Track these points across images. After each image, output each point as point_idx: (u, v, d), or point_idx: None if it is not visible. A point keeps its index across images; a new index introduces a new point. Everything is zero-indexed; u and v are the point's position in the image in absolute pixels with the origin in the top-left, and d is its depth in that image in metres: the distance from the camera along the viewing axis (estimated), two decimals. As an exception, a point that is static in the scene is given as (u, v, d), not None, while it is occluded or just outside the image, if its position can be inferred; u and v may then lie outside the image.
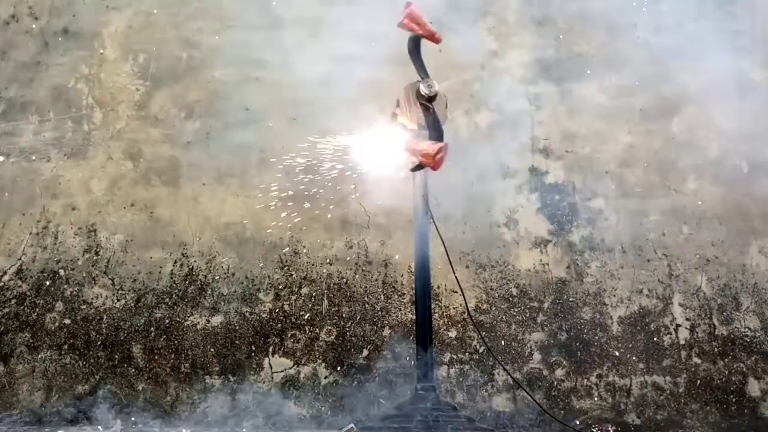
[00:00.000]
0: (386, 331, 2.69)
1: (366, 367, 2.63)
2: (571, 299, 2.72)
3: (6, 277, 2.83)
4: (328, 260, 2.79)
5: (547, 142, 2.96)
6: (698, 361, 2.62)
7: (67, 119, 3.09)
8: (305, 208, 2.86)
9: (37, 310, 2.76)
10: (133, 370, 2.66)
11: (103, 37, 3.23)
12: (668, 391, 2.58)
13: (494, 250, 2.80)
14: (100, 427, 2.56)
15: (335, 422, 2.55)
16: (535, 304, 2.71)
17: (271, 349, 2.68)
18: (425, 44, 2.22)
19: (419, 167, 2.18)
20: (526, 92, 3.03)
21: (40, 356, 2.69)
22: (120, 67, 3.17)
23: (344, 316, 2.71)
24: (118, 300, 2.77)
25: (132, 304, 2.76)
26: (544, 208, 2.87)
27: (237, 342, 2.69)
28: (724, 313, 2.69)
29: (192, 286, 2.78)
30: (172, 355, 2.68)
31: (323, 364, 2.65)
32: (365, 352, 2.66)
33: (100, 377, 2.66)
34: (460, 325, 2.69)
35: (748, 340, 2.65)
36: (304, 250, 2.81)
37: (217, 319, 2.72)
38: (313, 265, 2.79)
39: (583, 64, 3.08)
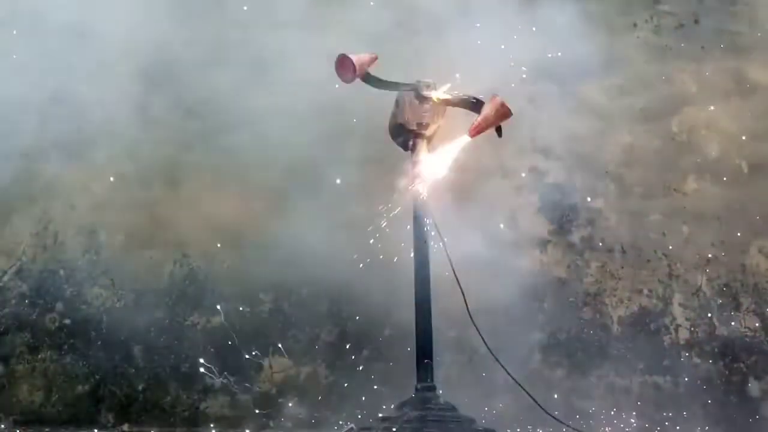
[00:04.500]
0: (386, 331, 2.68)
1: (366, 367, 2.63)
2: (571, 299, 2.72)
3: (6, 277, 2.83)
4: (328, 260, 2.78)
5: (547, 142, 2.96)
6: (698, 361, 2.62)
7: (67, 119, 3.09)
8: (305, 207, 2.85)
9: (37, 310, 2.76)
10: (133, 370, 2.66)
11: (104, 36, 3.23)
12: (668, 391, 2.58)
13: (494, 250, 2.79)
14: (98, 429, 2.56)
15: (335, 422, 2.55)
16: (535, 304, 2.71)
17: (271, 349, 2.68)
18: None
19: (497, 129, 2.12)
20: (526, 92, 3.03)
21: (40, 356, 2.69)
22: (120, 67, 3.17)
23: (344, 316, 2.71)
24: (118, 300, 2.76)
25: (132, 304, 2.76)
26: (544, 208, 2.86)
27: (237, 342, 2.69)
28: (724, 313, 2.68)
29: (192, 286, 2.78)
30: (172, 355, 2.67)
31: (323, 364, 2.64)
32: (365, 352, 2.66)
33: (100, 377, 2.65)
34: (460, 325, 2.68)
35: (748, 340, 2.65)
36: (305, 250, 2.80)
37: (217, 319, 2.72)
38: (313, 265, 2.78)
39: (583, 64, 3.08)
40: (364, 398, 2.59)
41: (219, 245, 2.83)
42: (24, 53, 3.25)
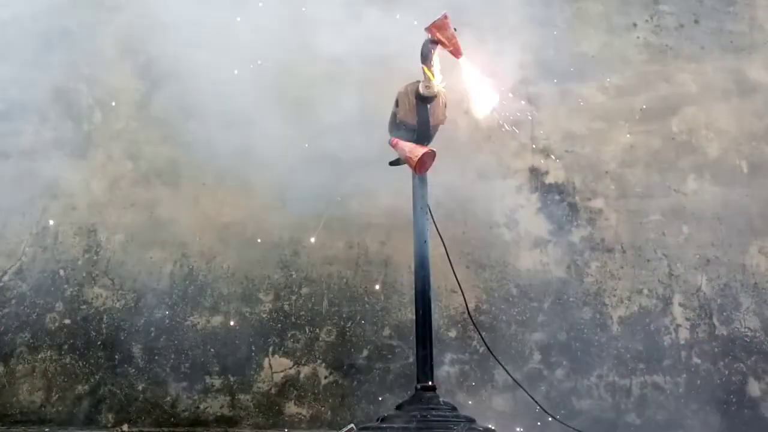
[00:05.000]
0: (386, 331, 2.68)
1: (366, 367, 2.63)
2: (571, 299, 2.72)
3: (6, 277, 2.83)
4: (328, 260, 2.79)
5: (547, 142, 2.96)
6: (698, 361, 2.62)
7: (67, 119, 3.09)
8: (306, 207, 2.85)
9: (37, 310, 2.76)
10: (133, 370, 2.66)
11: (104, 36, 3.23)
12: (668, 391, 2.58)
13: (494, 250, 2.79)
14: (98, 429, 2.56)
15: (335, 422, 2.55)
16: (535, 304, 2.71)
17: (271, 349, 2.68)
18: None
19: (397, 162, 2.20)
20: (526, 92, 3.03)
21: (40, 356, 2.69)
22: (120, 67, 3.17)
23: (344, 316, 2.71)
24: (118, 300, 2.77)
25: (132, 304, 2.76)
26: (544, 208, 2.86)
27: (237, 342, 2.69)
28: (724, 313, 2.68)
29: (192, 286, 2.78)
30: (172, 355, 2.67)
31: (323, 364, 2.65)
32: (365, 352, 2.66)
33: (100, 377, 2.66)
34: (460, 325, 2.68)
35: (748, 340, 2.65)
36: (304, 250, 2.81)
37: (217, 319, 2.72)
38: (313, 265, 2.79)
39: (584, 63, 3.08)
40: (363, 398, 2.59)
41: (219, 245, 2.83)
42: (24, 52, 3.25)
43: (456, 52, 2.17)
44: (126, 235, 2.87)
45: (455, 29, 2.18)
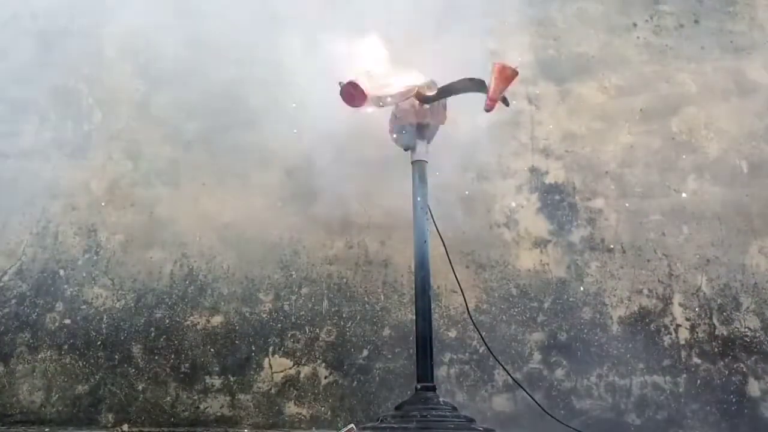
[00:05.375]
0: (386, 331, 2.68)
1: (366, 367, 2.63)
2: (571, 299, 2.72)
3: (6, 277, 2.83)
4: (328, 260, 2.79)
5: (547, 142, 2.96)
6: (698, 361, 2.62)
7: (67, 119, 3.09)
8: (305, 208, 2.85)
9: (37, 310, 2.76)
10: (133, 370, 2.66)
11: (103, 37, 3.23)
12: (668, 391, 2.58)
13: (494, 250, 2.79)
14: (98, 429, 2.56)
15: (335, 422, 2.55)
16: (535, 304, 2.71)
17: (271, 349, 2.68)
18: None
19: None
20: (526, 92, 3.03)
21: (40, 356, 2.69)
22: (120, 67, 3.17)
23: (344, 316, 2.71)
24: (118, 300, 2.77)
25: (132, 304, 2.76)
26: (544, 208, 2.87)
27: (237, 342, 2.69)
28: (724, 313, 2.68)
29: (192, 286, 2.78)
30: (172, 355, 2.67)
31: (323, 364, 2.65)
32: (365, 352, 2.66)
33: (100, 377, 2.65)
34: (460, 325, 2.68)
35: (748, 340, 2.65)
36: (304, 250, 2.81)
37: (217, 319, 2.72)
38: (313, 265, 2.79)
39: (583, 63, 3.08)
40: (363, 398, 2.59)
41: (219, 245, 2.83)
42: (24, 52, 3.25)
43: (491, 103, 2.06)
44: (126, 235, 2.87)
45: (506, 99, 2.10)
